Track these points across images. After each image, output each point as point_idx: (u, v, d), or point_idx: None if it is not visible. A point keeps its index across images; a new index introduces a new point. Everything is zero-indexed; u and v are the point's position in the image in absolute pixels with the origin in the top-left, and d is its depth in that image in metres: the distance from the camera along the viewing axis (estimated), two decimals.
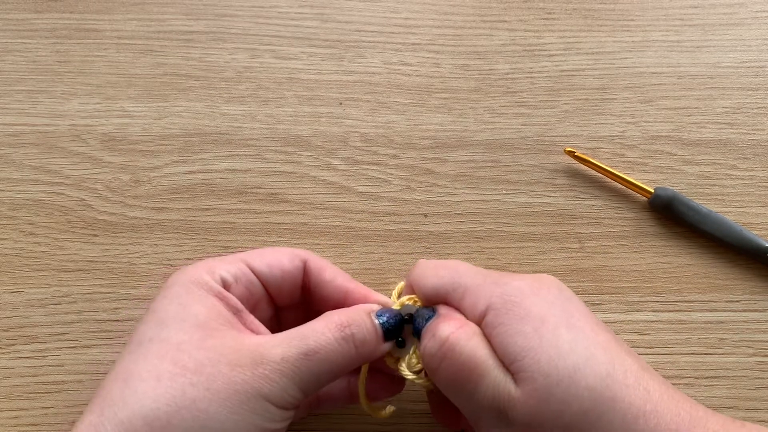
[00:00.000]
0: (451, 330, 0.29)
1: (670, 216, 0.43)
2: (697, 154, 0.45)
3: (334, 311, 0.31)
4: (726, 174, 0.44)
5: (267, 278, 0.33)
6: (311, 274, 0.34)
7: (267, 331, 0.31)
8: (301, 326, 0.30)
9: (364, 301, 0.33)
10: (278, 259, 0.33)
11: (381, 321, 0.32)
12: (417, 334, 0.32)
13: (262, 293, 0.33)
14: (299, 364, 0.28)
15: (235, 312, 0.30)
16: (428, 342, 0.30)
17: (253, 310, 0.32)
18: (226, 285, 0.31)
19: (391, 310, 0.33)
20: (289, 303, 0.35)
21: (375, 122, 0.46)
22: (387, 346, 0.32)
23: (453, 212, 0.43)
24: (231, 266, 0.32)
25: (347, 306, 0.32)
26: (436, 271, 0.32)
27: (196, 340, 0.28)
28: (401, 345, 0.33)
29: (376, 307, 0.32)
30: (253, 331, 0.30)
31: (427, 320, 0.31)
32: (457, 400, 0.30)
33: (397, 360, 0.33)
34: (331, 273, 0.34)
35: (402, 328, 0.32)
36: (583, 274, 0.42)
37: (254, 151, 0.45)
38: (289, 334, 0.29)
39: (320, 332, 0.29)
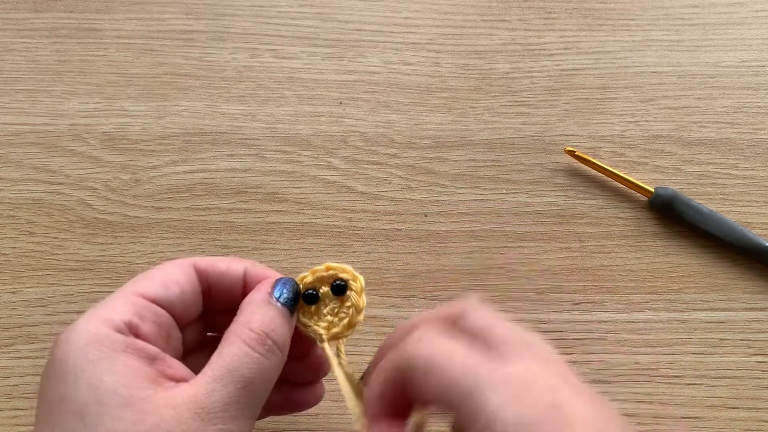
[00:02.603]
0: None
1: (671, 216, 0.43)
2: (697, 154, 0.45)
3: (239, 321, 0.28)
4: (726, 173, 0.44)
5: (169, 301, 0.28)
6: (206, 274, 0.30)
7: (187, 370, 0.27)
8: (220, 356, 0.27)
9: (262, 277, 0.30)
10: (170, 275, 0.29)
11: (281, 299, 0.28)
12: None
13: (170, 321, 0.28)
14: (243, 400, 0.26)
15: (151, 361, 0.26)
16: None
17: (166, 346, 0.28)
18: (132, 329, 0.26)
19: (283, 280, 0.29)
20: (189, 320, 0.30)
21: (375, 122, 0.46)
22: (294, 319, 0.29)
23: (453, 212, 0.43)
24: (127, 305, 0.27)
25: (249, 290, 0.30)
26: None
27: (131, 427, 0.24)
28: (313, 301, 0.31)
29: (267, 287, 0.29)
30: (174, 377, 0.26)
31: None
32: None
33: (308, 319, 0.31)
34: (224, 262, 0.31)
35: (297, 293, 0.30)
36: (583, 274, 0.42)
37: (254, 150, 0.45)
38: (216, 371, 0.26)
39: (248, 356, 0.26)
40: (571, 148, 0.44)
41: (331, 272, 0.31)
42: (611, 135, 0.45)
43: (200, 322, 0.31)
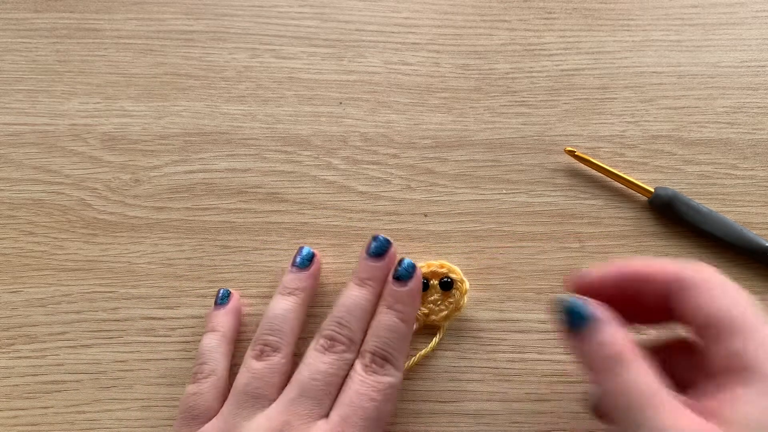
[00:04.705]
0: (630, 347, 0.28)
1: (671, 216, 0.43)
2: (697, 154, 0.45)
3: None
4: (726, 173, 0.44)
5: None
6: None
7: None
8: None
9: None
10: None
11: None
12: (575, 323, 0.29)
13: None
14: None
15: None
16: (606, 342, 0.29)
17: None
18: None
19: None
20: None
21: (375, 122, 0.46)
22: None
23: (453, 212, 0.43)
24: None
25: None
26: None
27: None
28: (423, 288, 0.39)
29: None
30: None
31: (584, 313, 0.29)
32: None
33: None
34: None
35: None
36: None
37: (254, 150, 0.45)
38: None
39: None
40: (571, 148, 0.44)
41: (444, 269, 0.40)
42: (611, 135, 0.46)
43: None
